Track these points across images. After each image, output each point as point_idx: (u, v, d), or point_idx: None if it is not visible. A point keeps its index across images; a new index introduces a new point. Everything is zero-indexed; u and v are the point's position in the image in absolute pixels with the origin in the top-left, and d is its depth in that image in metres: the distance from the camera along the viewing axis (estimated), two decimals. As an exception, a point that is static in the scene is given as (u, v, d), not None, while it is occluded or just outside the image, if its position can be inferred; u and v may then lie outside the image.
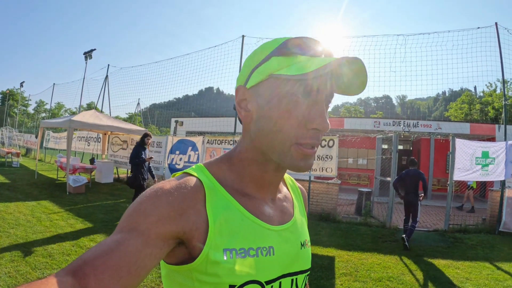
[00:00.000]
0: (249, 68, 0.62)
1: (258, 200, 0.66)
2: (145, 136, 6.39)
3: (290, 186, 0.81)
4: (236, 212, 0.61)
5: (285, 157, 0.60)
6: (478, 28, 7.81)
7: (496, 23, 7.76)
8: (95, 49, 17.77)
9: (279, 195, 0.73)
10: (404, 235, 5.62)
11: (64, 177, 10.72)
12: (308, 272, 0.72)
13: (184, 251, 0.57)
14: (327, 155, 7.43)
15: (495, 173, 7.00)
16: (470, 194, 10.03)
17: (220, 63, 10.63)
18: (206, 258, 0.55)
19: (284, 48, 0.59)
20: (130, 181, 6.38)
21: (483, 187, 8.59)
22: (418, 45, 8.73)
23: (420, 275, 4.38)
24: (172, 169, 9.53)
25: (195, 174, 0.63)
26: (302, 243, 0.71)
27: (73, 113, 9.65)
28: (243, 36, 9.24)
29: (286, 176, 0.82)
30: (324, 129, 0.58)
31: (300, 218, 0.75)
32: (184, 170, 0.65)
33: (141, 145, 6.36)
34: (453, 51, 8.57)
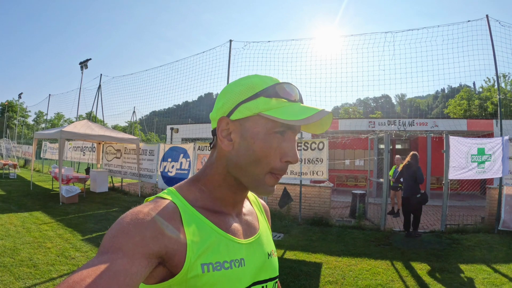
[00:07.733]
0: (234, 101, 0.68)
1: (227, 216, 0.72)
2: (417, 156, 6.70)
3: (253, 202, 0.88)
4: (208, 229, 0.66)
5: (258, 183, 0.68)
6: (468, 21, 7.59)
7: (487, 16, 7.53)
8: (90, 59, 18.11)
9: (244, 210, 0.80)
10: None
11: (58, 188, 10.78)
12: (277, 280, 0.80)
13: (163, 269, 0.60)
14: (318, 158, 7.23)
15: (492, 170, 6.80)
16: (398, 195, 8.73)
17: (214, 68, 10.66)
18: (186, 273, 0.59)
19: (272, 91, 0.66)
20: (424, 198, 6.45)
21: (482, 184, 8.35)
22: (407, 42, 8.55)
23: (410, 282, 4.18)
24: (165, 177, 9.45)
25: (168, 197, 0.66)
26: (269, 253, 0.78)
27: (72, 123, 9.92)
28: (230, 41, 9.32)
29: (249, 193, 0.89)
30: (295, 162, 0.69)
31: (265, 231, 0.82)
32: (156, 195, 0.69)
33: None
34: (444, 46, 8.38)
